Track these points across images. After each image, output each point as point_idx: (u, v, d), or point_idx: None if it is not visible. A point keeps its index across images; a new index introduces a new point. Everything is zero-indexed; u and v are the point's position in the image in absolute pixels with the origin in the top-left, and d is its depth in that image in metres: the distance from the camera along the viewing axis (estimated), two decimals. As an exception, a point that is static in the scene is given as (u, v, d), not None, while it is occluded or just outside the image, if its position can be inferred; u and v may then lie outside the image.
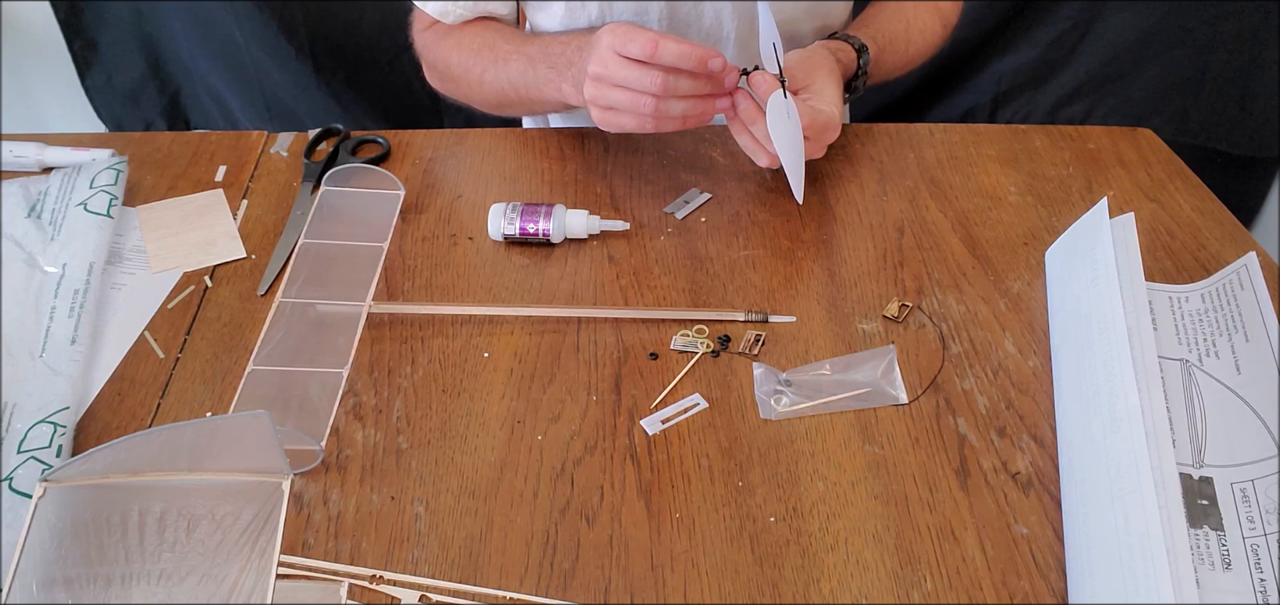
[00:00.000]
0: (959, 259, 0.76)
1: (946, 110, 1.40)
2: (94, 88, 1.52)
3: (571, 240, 0.79)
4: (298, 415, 0.61)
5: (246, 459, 0.48)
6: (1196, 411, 0.61)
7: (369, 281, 0.69)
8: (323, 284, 0.69)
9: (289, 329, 0.66)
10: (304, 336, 0.66)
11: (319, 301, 0.68)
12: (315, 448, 0.60)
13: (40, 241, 0.76)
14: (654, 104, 0.72)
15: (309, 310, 0.68)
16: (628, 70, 0.71)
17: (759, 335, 0.69)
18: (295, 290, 0.68)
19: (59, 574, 0.46)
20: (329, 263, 0.71)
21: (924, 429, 0.63)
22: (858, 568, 0.55)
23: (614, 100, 0.73)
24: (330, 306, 0.68)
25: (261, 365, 0.64)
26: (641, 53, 0.70)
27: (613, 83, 0.72)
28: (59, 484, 0.47)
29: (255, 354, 0.64)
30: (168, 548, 0.47)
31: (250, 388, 0.63)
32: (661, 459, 0.61)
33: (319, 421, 0.61)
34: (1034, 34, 1.29)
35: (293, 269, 0.70)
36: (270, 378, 0.63)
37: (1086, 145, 0.89)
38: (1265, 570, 0.52)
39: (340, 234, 0.73)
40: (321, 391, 0.62)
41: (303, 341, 0.66)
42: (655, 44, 0.69)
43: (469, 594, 0.54)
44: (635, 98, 0.72)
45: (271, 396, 0.62)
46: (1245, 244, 0.78)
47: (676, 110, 0.73)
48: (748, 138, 0.77)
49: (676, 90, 0.72)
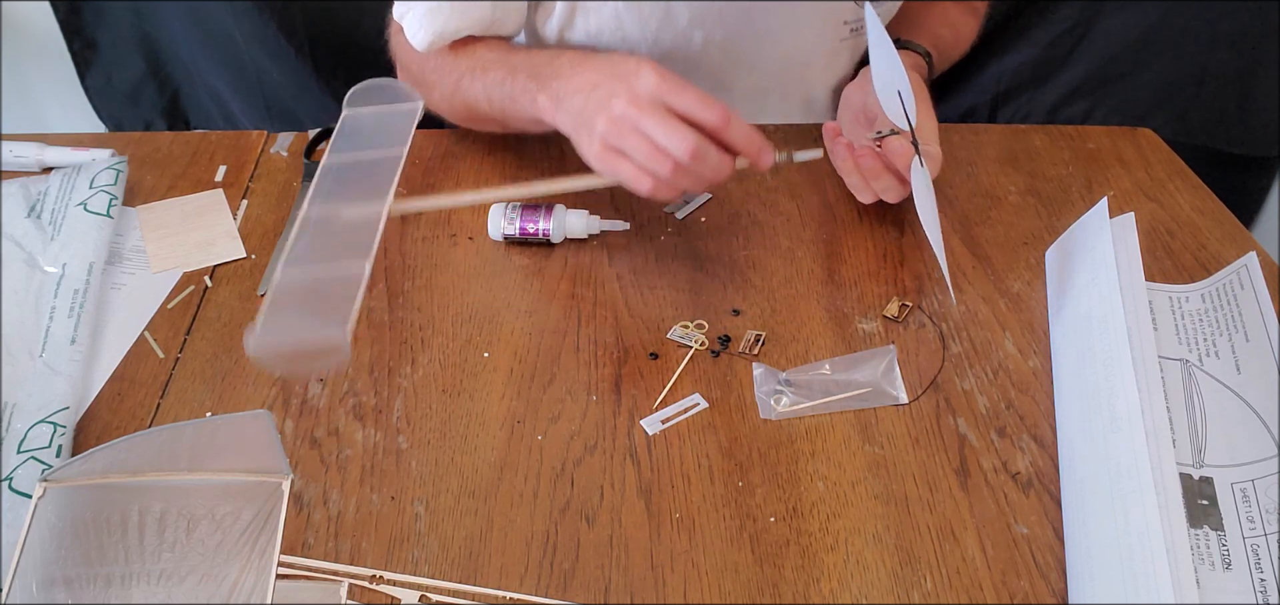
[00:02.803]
0: (959, 259, 0.76)
1: (946, 110, 1.40)
2: (94, 88, 1.51)
3: (571, 240, 0.79)
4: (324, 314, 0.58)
5: (246, 459, 0.48)
6: (1196, 411, 0.61)
7: (389, 185, 0.68)
8: (342, 197, 0.67)
9: (314, 238, 0.64)
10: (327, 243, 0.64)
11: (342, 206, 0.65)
12: (341, 343, 0.56)
13: (40, 241, 0.76)
14: (672, 169, 0.64)
15: (332, 220, 0.66)
16: (662, 126, 0.63)
17: (759, 335, 0.69)
18: (318, 204, 0.66)
19: (59, 574, 0.46)
20: (349, 177, 0.69)
21: (924, 429, 0.63)
22: (858, 568, 0.55)
23: (631, 148, 0.64)
24: (352, 210, 0.65)
25: (288, 272, 0.60)
26: (710, 121, 0.63)
27: (638, 129, 0.64)
28: (59, 484, 0.47)
29: (283, 264, 0.62)
30: (168, 548, 0.47)
31: (281, 293, 0.59)
32: (661, 459, 0.61)
33: (344, 317, 0.58)
34: (1034, 34, 1.29)
35: (316, 185, 0.68)
36: (299, 283, 0.60)
37: (1086, 145, 0.89)
38: (1265, 570, 0.52)
39: (361, 147, 0.70)
40: (345, 288, 0.59)
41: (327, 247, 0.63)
42: (727, 118, 0.63)
43: (469, 594, 0.54)
44: (655, 155, 0.64)
45: (299, 299, 0.59)
46: (1245, 244, 0.78)
47: (684, 182, 0.65)
48: (857, 179, 0.73)
49: (703, 162, 0.64)
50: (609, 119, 0.65)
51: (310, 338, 0.55)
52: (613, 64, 0.67)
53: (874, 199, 0.75)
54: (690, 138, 0.63)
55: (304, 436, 0.63)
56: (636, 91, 0.64)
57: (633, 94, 0.64)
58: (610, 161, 0.66)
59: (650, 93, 0.64)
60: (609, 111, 0.65)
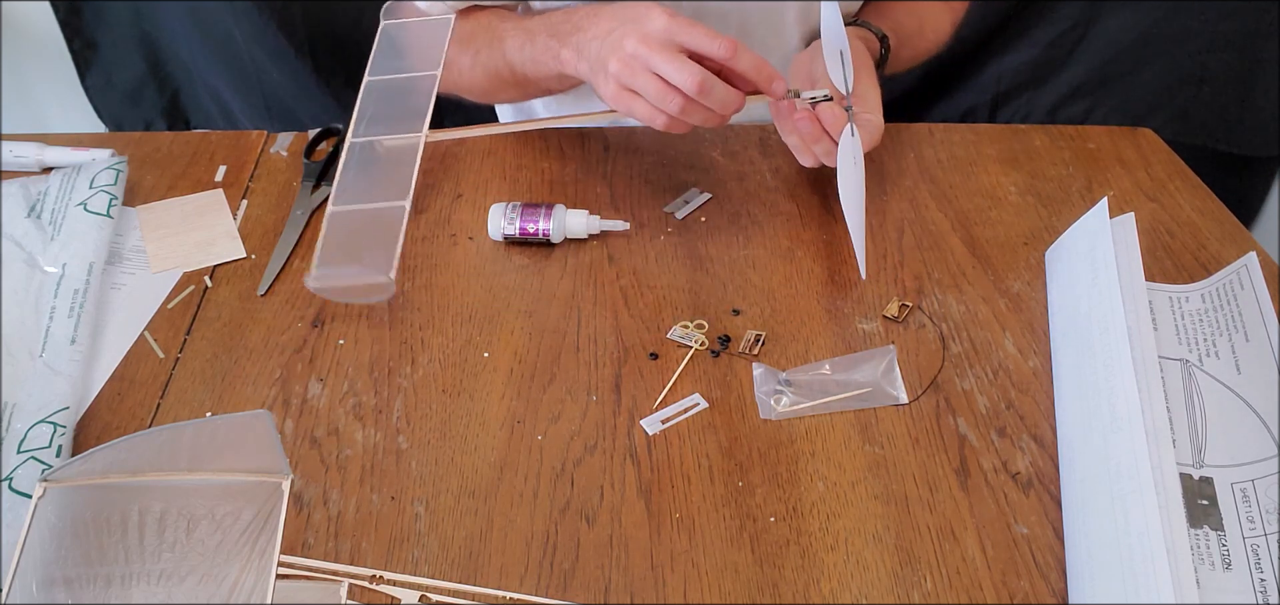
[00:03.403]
0: (959, 259, 0.76)
1: (946, 110, 1.40)
2: (94, 88, 1.51)
3: (571, 240, 0.79)
4: (371, 253, 0.63)
5: (246, 459, 0.48)
6: (1196, 411, 0.61)
7: (424, 111, 0.70)
8: (384, 120, 0.70)
9: (359, 168, 0.68)
10: (371, 173, 0.68)
11: (383, 137, 0.69)
12: (386, 279, 0.60)
13: (40, 241, 0.76)
14: (681, 104, 0.67)
15: (374, 148, 0.69)
16: (670, 63, 0.66)
17: (759, 335, 0.69)
18: (362, 128, 0.70)
19: (59, 574, 0.46)
20: (389, 97, 0.72)
21: (924, 429, 0.63)
22: (858, 568, 0.55)
23: (641, 86, 0.68)
24: (393, 140, 0.69)
25: (339, 206, 0.65)
26: (718, 53, 0.66)
27: (647, 68, 0.67)
28: (59, 484, 0.47)
29: (333, 197, 0.66)
30: (168, 548, 0.47)
31: (333, 229, 0.64)
32: (661, 459, 0.61)
33: (388, 254, 0.62)
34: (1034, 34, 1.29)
35: (360, 108, 0.71)
36: (349, 217, 0.65)
37: (1086, 145, 0.89)
38: (1265, 570, 0.52)
39: (399, 68, 0.74)
40: (387, 226, 0.63)
41: (372, 179, 0.68)
42: (734, 49, 0.66)
43: (469, 594, 0.54)
44: (665, 92, 0.67)
45: (349, 236, 0.64)
46: (1245, 244, 0.78)
47: (696, 118, 0.68)
48: (796, 138, 0.74)
49: (710, 95, 0.67)
50: (621, 59, 0.68)
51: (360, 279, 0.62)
52: (625, 10, 0.71)
53: (816, 164, 0.75)
54: (696, 72, 0.66)
55: (304, 436, 0.63)
56: (647, 32, 0.67)
57: (643, 34, 0.67)
58: (625, 100, 0.69)
59: (660, 32, 0.67)
60: (621, 52, 0.68)
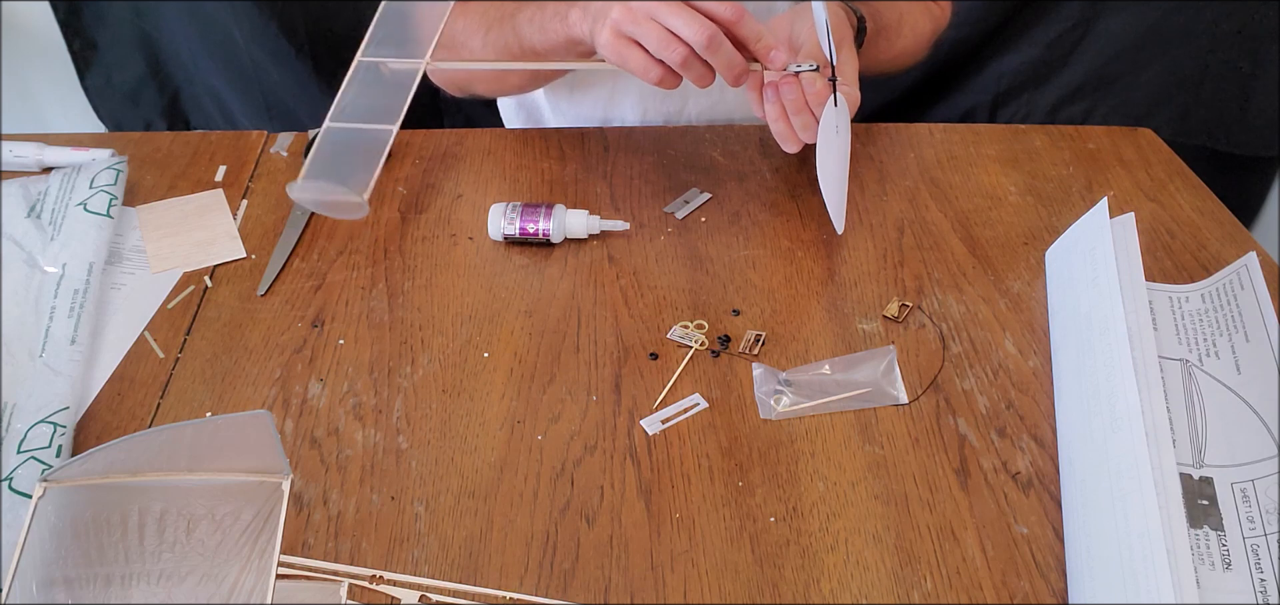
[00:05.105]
0: (959, 259, 0.76)
1: (946, 110, 1.40)
2: (93, 88, 1.51)
3: (571, 240, 0.79)
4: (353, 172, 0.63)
5: (246, 459, 0.48)
6: (1196, 411, 0.61)
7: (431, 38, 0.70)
8: (395, 44, 0.71)
9: (362, 88, 0.68)
10: (371, 95, 0.68)
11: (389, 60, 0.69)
12: (359, 200, 0.61)
13: (40, 241, 0.76)
14: (683, 55, 0.65)
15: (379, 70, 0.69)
16: (678, 13, 0.64)
17: (759, 335, 0.69)
18: (372, 49, 0.70)
19: (59, 574, 0.46)
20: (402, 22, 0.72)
21: (924, 429, 0.63)
22: (858, 568, 0.55)
23: (643, 34, 0.66)
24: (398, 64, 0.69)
25: (334, 122, 0.66)
26: (723, 15, 0.64)
27: (651, 16, 0.65)
28: (59, 484, 0.47)
29: (331, 113, 0.66)
30: (168, 548, 0.47)
31: (325, 144, 0.65)
32: (661, 459, 0.61)
33: (366, 175, 0.62)
34: (1034, 34, 1.29)
35: (373, 29, 0.71)
36: (342, 135, 0.65)
37: (1086, 145, 0.89)
38: (1265, 570, 0.52)
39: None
40: (370, 148, 0.64)
41: (371, 100, 0.68)
42: (739, 14, 0.64)
43: (469, 594, 0.54)
44: (667, 41, 0.65)
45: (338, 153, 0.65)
46: (1245, 244, 0.78)
47: (692, 73, 0.67)
48: (784, 125, 0.73)
49: (717, 53, 0.65)
50: (624, 6, 0.66)
51: (337, 196, 0.62)
52: None
53: (799, 147, 0.74)
54: (707, 27, 0.64)
55: (304, 436, 0.63)
56: None
57: None
58: (619, 48, 0.67)
59: None
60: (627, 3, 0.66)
